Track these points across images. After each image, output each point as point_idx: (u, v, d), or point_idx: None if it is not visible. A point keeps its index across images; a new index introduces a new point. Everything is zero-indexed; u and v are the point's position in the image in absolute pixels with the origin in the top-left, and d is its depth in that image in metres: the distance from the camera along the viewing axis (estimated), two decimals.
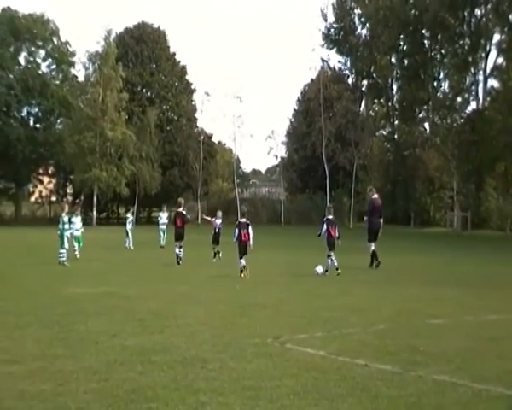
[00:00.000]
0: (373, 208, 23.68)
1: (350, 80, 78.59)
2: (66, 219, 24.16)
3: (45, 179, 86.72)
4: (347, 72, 78.46)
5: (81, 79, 78.82)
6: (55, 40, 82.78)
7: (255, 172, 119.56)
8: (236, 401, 6.46)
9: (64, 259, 23.13)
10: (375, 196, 24.00)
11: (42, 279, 18.45)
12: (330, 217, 21.55)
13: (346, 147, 70.98)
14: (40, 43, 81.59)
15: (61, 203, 30.73)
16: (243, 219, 20.91)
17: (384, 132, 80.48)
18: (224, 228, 26.27)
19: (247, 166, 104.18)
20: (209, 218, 27.97)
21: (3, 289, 15.91)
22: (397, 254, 30.83)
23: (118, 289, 15.64)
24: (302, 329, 10.48)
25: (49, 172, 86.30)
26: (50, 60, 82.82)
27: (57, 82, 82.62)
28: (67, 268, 21.80)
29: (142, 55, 77.70)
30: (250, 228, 20.51)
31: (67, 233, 23.94)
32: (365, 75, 76.49)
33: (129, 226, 32.68)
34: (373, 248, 22.79)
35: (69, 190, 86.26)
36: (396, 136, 76.33)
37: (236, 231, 20.39)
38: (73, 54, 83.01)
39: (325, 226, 21.22)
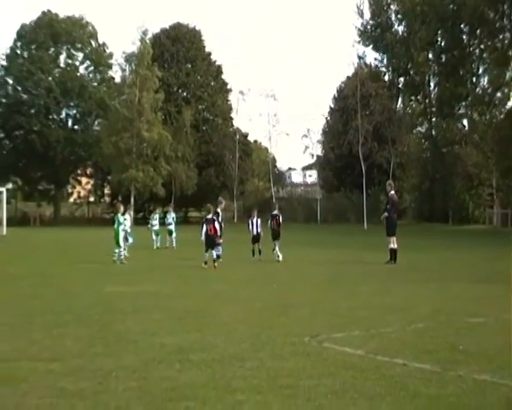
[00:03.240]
0: (392, 204, 23.70)
1: (386, 77, 78.08)
2: (121, 219, 24.42)
3: (83, 180, 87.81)
4: (384, 69, 78.00)
5: (118, 80, 79.65)
6: (93, 43, 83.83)
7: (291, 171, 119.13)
8: (274, 400, 6.44)
9: (122, 257, 23.58)
10: (393, 192, 24.08)
11: (80, 278, 18.65)
12: (275, 212, 25.58)
13: (382, 145, 70.48)
14: (79, 46, 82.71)
15: (116, 204, 31.45)
16: (209, 216, 23.02)
17: (421, 129, 79.72)
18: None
19: (282, 165, 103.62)
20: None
21: (43, 288, 16.11)
22: (435, 251, 30.57)
23: (156, 289, 15.73)
24: (340, 328, 10.41)
25: (88, 172, 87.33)
26: (88, 62, 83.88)
27: (95, 84, 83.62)
28: (107, 267, 21.98)
29: (177, 55, 78.08)
30: (216, 222, 22.70)
31: (122, 232, 24.11)
32: (402, 72, 75.86)
33: (155, 227, 32.92)
34: (393, 246, 22.76)
35: (107, 190, 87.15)
36: (434, 133, 75.54)
37: (204, 226, 22.49)
38: (110, 56, 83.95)
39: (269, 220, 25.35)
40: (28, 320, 11.00)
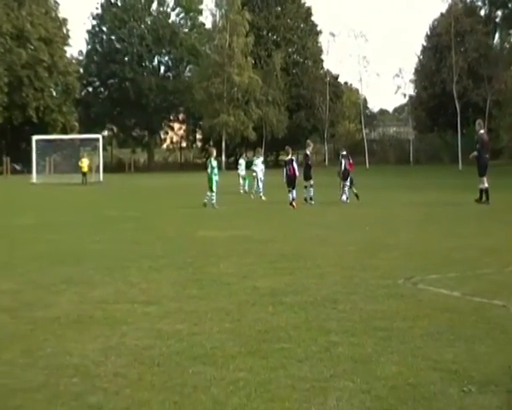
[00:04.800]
0: (483, 144, 23.00)
1: (482, 12, 75.19)
2: (214, 163, 24.52)
3: (176, 126, 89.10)
4: (480, 3, 75.08)
5: (208, 26, 79.84)
6: None
7: (382, 112, 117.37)
8: (368, 342, 6.41)
9: (213, 202, 23.66)
10: (482, 131, 23.38)
11: (174, 223, 19.01)
12: (344, 152, 25.83)
13: (478, 82, 68.26)
14: None
15: (209, 149, 31.54)
16: (288, 157, 24.72)
17: None
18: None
19: (374, 107, 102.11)
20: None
21: (139, 233, 16.50)
22: None
23: (247, 233, 15.85)
24: (435, 269, 10.22)
25: (180, 118, 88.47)
26: (179, 9, 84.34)
27: (186, 30, 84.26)
28: (199, 212, 22.30)
29: None
30: (294, 163, 23.91)
31: (216, 177, 24.18)
32: (500, 5, 72.70)
33: (242, 172, 33.08)
34: (486, 185, 22.16)
35: (198, 135, 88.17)
36: None
37: (284, 169, 24.09)
38: (201, 1, 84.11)
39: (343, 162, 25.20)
40: (126, 264, 11.30)
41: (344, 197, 24.65)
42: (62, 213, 23.63)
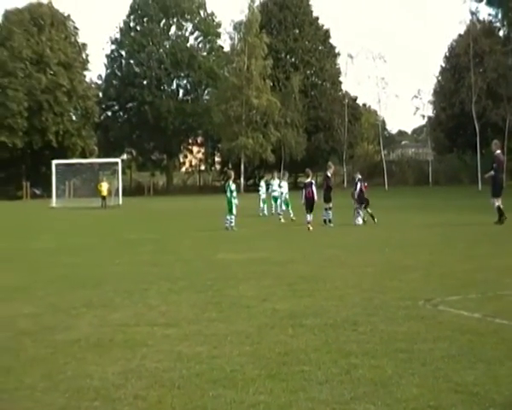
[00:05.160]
0: (498, 164, 22.99)
1: (501, 33, 75.08)
2: (233, 187, 24.54)
3: (194, 149, 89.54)
4: (498, 24, 74.96)
5: (226, 49, 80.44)
6: (202, 13, 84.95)
7: (401, 134, 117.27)
8: (389, 364, 6.37)
9: (233, 224, 23.73)
10: (499, 151, 23.41)
11: (193, 245, 19.06)
12: (359, 176, 25.93)
13: (497, 103, 68.03)
14: (188, 17, 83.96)
15: (227, 171, 31.53)
16: (307, 180, 24.40)
17: None
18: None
19: (392, 128, 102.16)
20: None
21: (158, 255, 16.54)
22: None
23: (266, 255, 15.84)
24: (455, 291, 10.16)
25: (198, 141, 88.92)
26: (197, 32, 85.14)
27: (204, 54, 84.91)
28: (218, 234, 22.34)
29: (285, 21, 77.98)
30: (313, 186, 23.79)
31: (235, 200, 24.17)
32: None
33: (263, 195, 33.05)
34: (497, 204, 22.16)
35: (217, 158, 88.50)
36: None
37: (303, 191, 23.96)
38: (219, 25, 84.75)
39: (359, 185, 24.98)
40: (146, 287, 11.33)
41: (359, 220, 24.43)
42: (82, 237, 23.76)
